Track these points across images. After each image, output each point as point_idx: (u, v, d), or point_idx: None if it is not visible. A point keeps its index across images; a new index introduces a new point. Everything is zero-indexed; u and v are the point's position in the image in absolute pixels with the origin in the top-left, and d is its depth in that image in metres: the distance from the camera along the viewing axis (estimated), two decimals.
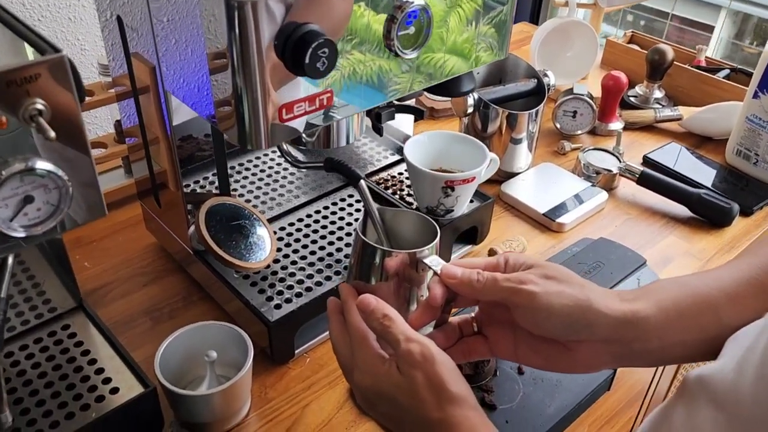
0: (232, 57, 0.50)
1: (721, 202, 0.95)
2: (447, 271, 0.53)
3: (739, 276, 0.52)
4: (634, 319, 0.50)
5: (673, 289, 0.52)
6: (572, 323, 0.50)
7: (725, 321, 0.51)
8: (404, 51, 0.60)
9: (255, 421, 0.66)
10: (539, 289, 0.50)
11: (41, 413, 0.58)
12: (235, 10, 0.48)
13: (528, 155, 1.04)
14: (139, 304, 0.79)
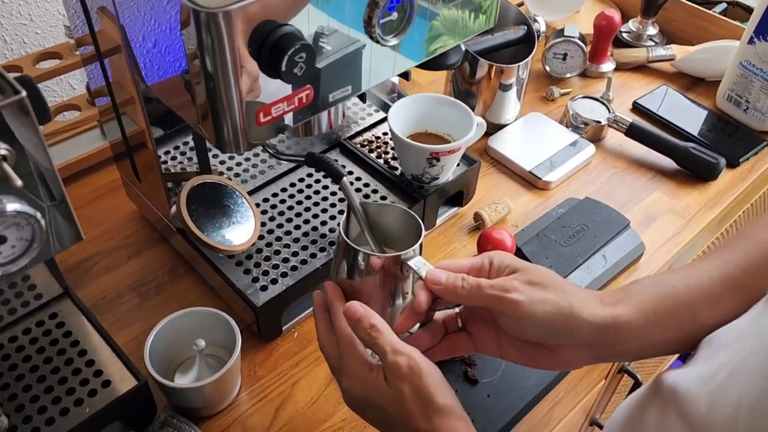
0: (204, 66, 0.48)
1: (708, 157, 0.95)
2: (432, 277, 0.53)
3: (717, 274, 0.53)
4: (615, 324, 0.51)
5: (652, 291, 0.53)
6: (555, 330, 0.51)
7: (702, 320, 0.52)
8: (385, 38, 0.57)
9: (246, 400, 0.69)
10: (523, 297, 0.50)
11: (36, 410, 0.60)
12: (202, 20, 0.45)
13: (516, 104, 1.01)
14: (125, 279, 0.79)
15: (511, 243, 0.72)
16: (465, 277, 0.52)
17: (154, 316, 0.75)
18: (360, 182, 0.83)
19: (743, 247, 0.54)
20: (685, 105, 1.08)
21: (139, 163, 0.74)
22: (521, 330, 0.52)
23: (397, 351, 0.50)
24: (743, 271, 0.53)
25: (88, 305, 0.75)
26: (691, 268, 0.55)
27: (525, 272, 0.52)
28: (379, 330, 0.51)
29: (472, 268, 0.55)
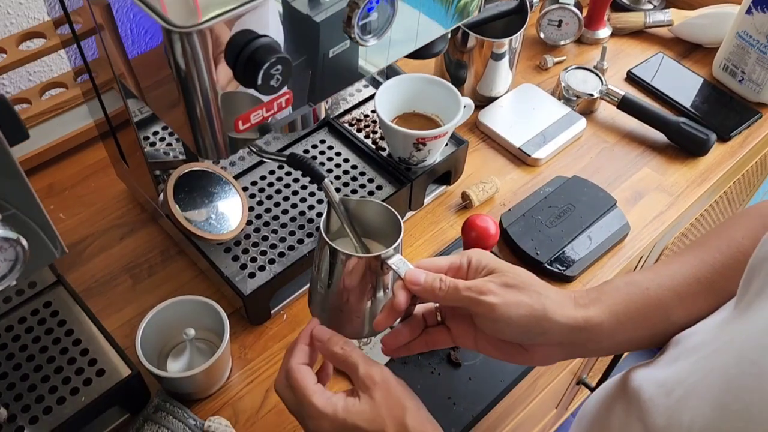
0: (178, 80, 0.47)
1: (698, 133, 0.94)
2: (411, 278, 0.54)
3: (689, 274, 0.54)
4: (587, 326, 0.53)
5: (624, 292, 0.54)
6: (528, 331, 0.53)
7: (673, 319, 0.53)
8: (364, 38, 0.56)
9: (237, 383, 0.71)
10: (498, 300, 0.52)
11: (34, 399, 0.62)
12: (176, 39, 0.44)
13: (508, 75, 1.00)
14: (118, 260, 0.81)
15: (495, 230, 0.73)
16: (443, 278, 0.54)
17: (147, 299, 0.78)
18: (348, 164, 0.83)
19: (716, 246, 0.55)
20: (680, 74, 1.07)
21: (123, 145, 0.74)
22: (496, 330, 0.53)
23: (369, 363, 0.53)
24: (715, 272, 0.54)
25: (82, 288, 0.78)
26: (664, 268, 0.56)
27: (501, 274, 0.54)
28: (352, 345, 0.54)
29: (450, 268, 0.56)
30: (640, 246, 0.85)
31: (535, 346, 0.55)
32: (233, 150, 0.54)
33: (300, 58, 0.53)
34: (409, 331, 0.58)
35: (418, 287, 0.54)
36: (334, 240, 0.61)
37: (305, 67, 0.54)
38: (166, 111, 0.53)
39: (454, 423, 0.69)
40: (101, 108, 0.71)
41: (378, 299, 0.59)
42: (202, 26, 0.44)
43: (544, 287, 0.54)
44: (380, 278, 0.58)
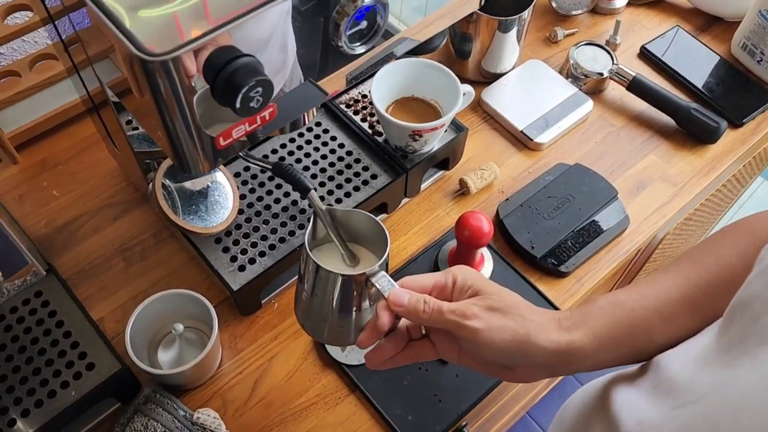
0: (155, 103, 0.46)
1: (708, 120, 0.91)
2: (394, 299, 0.54)
3: (675, 293, 0.53)
4: (570, 350, 0.53)
5: (609, 314, 0.54)
6: (511, 355, 0.53)
7: (656, 339, 0.53)
8: (352, 46, 0.53)
9: (226, 373, 0.72)
10: (482, 325, 0.51)
11: (25, 391, 0.64)
12: (152, 69, 0.42)
13: (515, 49, 0.96)
14: (111, 241, 0.81)
15: (488, 228, 0.71)
16: (426, 300, 0.53)
17: (139, 283, 0.78)
18: (342, 149, 0.81)
19: (703, 265, 0.54)
20: (696, 50, 1.02)
21: (109, 126, 0.72)
22: (480, 353, 0.53)
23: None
24: (701, 291, 0.53)
25: (76, 270, 0.78)
26: (649, 286, 0.55)
27: (486, 296, 0.53)
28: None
29: (435, 287, 0.55)
30: (639, 240, 0.83)
31: (518, 367, 0.55)
32: (218, 163, 0.53)
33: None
34: (393, 347, 0.58)
35: (401, 309, 0.53)
36: (320, 245, 0.60)
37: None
38: (145, 122, 0.52)
39: (439, 420, 0.70)
40: (83, 86, 0.69)
41: (363, 311, 0.59)
42: (177, 53, 0.42)
43: (529, 310, 0.53)
44: (365, 292, 0.57)
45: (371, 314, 0.59)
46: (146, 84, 0.44)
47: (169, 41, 0.43)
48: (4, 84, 0.83)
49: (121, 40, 0.43)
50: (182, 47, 0.43)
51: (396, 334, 0.58)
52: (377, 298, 0.56)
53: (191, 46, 0.43)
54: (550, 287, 0.79)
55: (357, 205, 0.76)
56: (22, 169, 0.86)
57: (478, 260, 0.77)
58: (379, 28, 0.53)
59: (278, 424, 0.69)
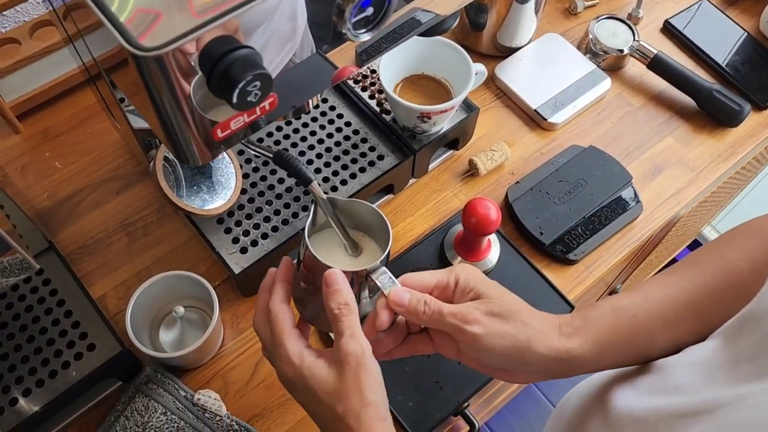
0: (150, 97, 0.44)
1: (731, 103, 0.87)
2: (395, 298, 0.52)
3: (678, 299, 0.52)
4: (569, 357, 0.52)
5: (611, 320, 0.52)
6: (511, 361, 0.52)
7: (658, 345, 0.52)
8: (356, 33, 0.51)
9: (228, 353, 0.72)
10: (482, 330, 0.50)
11: (27, 370, 0.64)
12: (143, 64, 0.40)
13: (533, 21, 0.92)
14: (113, 216, 0.80)
15: (496, 216, 0.69)
16: (427, 301, 0.52)
17: (142, 259, 0.77)
18: (349, 128, 0.79)
19: (709, 269, 0.52)
20: (722, 26, 0.98)
21: (107, 100, 0.70)
22: (479, 357, 0.53)
23: (353, 336, 0.50)
24: (706, 296, 0.51)
25: (78, 245, 0.78)
26: (654, 290, 0.53)
27: (487, 300, 0.52)
28: (350, 310, 0.51)
29: (437, 286, 0.54)
30: (651, 228, 0.81)
31: (517, 371, 0.54)
32: (217, 153, 0.51)
33: None
34: (392, 340, 0.57)
35: (401, 308, 0.52)
36: (321, 230, 0.59)
37: None
38: (143, 111, 0.50)
39: (439, 408, 0.69)
40: (79, 58, 0.67)
41: (362, 302, 0.58)
42: (165, 49, 0.40)
43: (530, 315, 0.52)
44: (365, 285, 0.56)
45: (370, 306, 0.58)
46: (139, 78, 0.42)
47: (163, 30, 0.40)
48: (4, 51, 0.81)
49: (110, 31, 0.41)
50: (178, 40, 0.41)
51: (395, 328, 0.58)
52: (377, 290, 0.55)
53: (188, 38, 0.41)
54: (558, 275, 0.77)
55: (363, 187, 0.74)
56: (24, 139, 0.85)
57: (484, 246, 0.75)
58: (386, 15, 0.50)
59: (279, 407, 0.69)
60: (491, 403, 1.25)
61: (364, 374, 0.49)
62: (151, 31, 0.41)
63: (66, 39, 0.65)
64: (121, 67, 0.46)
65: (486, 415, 1.41)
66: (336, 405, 0.49)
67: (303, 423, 0.68)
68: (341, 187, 0.75)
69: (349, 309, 0.50)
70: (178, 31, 0.41)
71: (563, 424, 0.61)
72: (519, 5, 0.89)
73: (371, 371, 0.50)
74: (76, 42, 0.61)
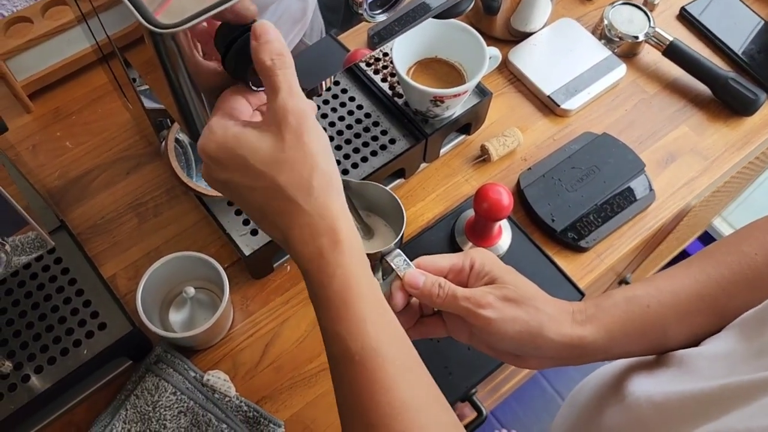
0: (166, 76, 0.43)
1: (747, 92, 0.86)
2: (410, 280, 0.53)
3: (693, 291, 0.52)
4: (581, 344, 0.52)
5: (623, 309, 0.52)
6: (522, 346, 0.52)
7: (670, 335, 0.52)
8: (372, 14, 0.50)
9: (238, 335, 0.72)
10: (495, 315, 0.50)
11: (39, 348, 0.64)
12: (160, 41, 0.40)
13: (548, 5, 0.91)
14: (124, 196, 0.80)
15: (508, 201, 0.69)
16: (442, 284, 0.52)
17: (152, 240, 0.77)
18: (361, 111, 0.79)
19: (725, 262, 0.52)
20: (739, 13, 0.96)
21: (119, 79, 0.70)
22: (490, 341, 0.53)
23: (292, 92, 0.40)
24: (720, 289, 0.51)
25: (88, 225, 0.78)
26: (668, 281, 0.53)
27: (502, 285, 0.52)
28: (285, 63, 0.41)
29: (452, 269, 0.54)
30: (664, 216, 0.81)
31: (528, 356, 0.54)
32: None
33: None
34: (404, 323, 0.57)
35: (416, 290, 0.53)
36: None
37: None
38: (158, 90, 0.50)
39: (448, 393, 0.68)
40: (92, 36, 0.67)
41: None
42: (188, 24, 0.40)
43: (544, 301, 0.52)
44: (379, 267, 0.56)
45: (384, 286, 0.58)
46: (155, 56, 0.41)
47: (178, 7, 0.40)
48: (16, 30, 0.81)
49: (128, 7, 0.40)
50: (196, 17, 0.40)
51: (408, 310, 0.58)
52: (390, 272, 0.55)
53: (206, 15, 0.41)
54: (569, 262, 0.77)
55: (374, 170, 0.74)
56: (35, 118, 0.85)
57: (495, 232, 0.75)
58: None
59: (288, 389, 0.70)
60: (498, 391, 1.25)
61: (309, 136, 0.40)
62: (166, 7, 0.40)
63: (79, 17, 0.64)
64: (136, 45, 0.46)
65: (492, 403, 1.42)
66: (276, 175, 0.40)
67: (311, 405, 0.69)
68: (352, 171, 0.74)
69: (284, 61, 0.41)
70: (195, 9, 0.40)
71: (577, 412, 0.61)
72: None
73: (318, 133, 0.41)
74: (90, 20, 0.61)
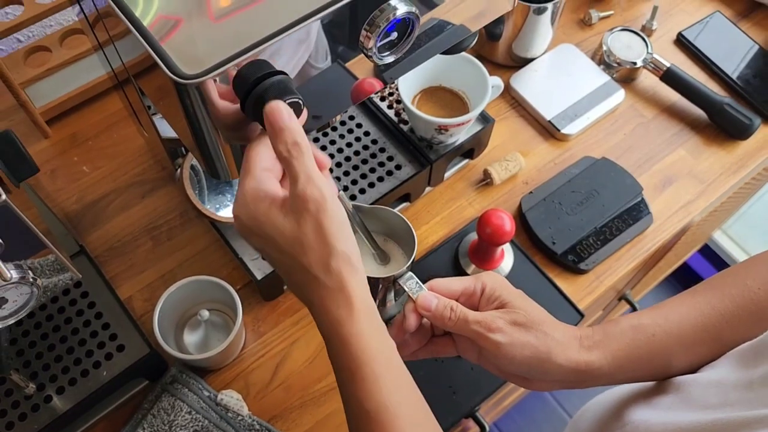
0: (188, 120, 0.46)
1: (742, 117, 0.89)
2: (423, 303, 0.54)
3: (697, 322, 0.54)
4: (588, 370, 0.54)
5: (630, 337, 0.54)
6: (530, 370, 0.54)
7: (674, 364, 0.54)
8: (381, 56, 0.53)
9: (249, 356, 0.75)
10: (505, 339, 0.52)
11: (60, 369, 0.67)
12: (184, 90, 0.43)
13: (548, 32, 0.94)
14: (139, 220, 0.83)
15: (510, 227, 0.72)
16: (453, 307, 0.54)
17: (166, 262, 0.80)
18: (368, 137, 0.81)
19: (729, 294, 0.54)
20: (734, 38, 0.99)
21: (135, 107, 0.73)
22: (499, 364, 0.55)
23: (310, 180, 0.44)
24: (724, 321, 0.53)
25: (105, 248, 0.81)
26: (674, 310, 0.55)
27: (511, 310, 0.54)
28: (302, 151, 0.44)
29: (464, 293, 0.56)
30: (661, 239, 0.83)
31: (535, 380, 0.56)
32: None
33: None
34: (416, 342, 0.59)
35: (428, 312, 0.54)
36: None
37: None
38: (176, 126, 0.52)
39: (452, 412, 0.72)
40: (108, 65, 0.69)
41: (387, 305, 0.60)
42: (211, 75, 0.43)
43: (552, 326, 0.54)
44: (391, 289, 0.59)
45: (397, 308, 0.61)
46: (179, 103, 0.44)
47: (202, 56, 0.43)
48: (35, 58, 0.84)
49: (153, 58, 0.43)
50: (218, 67, 0.43)
51: (420, 331, 0.59)
52: (402, 293, 0.58)
53: (229, 65, 0.43)
54: (569, 284, 0.80)
55: (381, 196, 0.77)
56: (53, 144, 0.88)
57: (498, 255, 0.78)
58: (410, 39, 0.53)
59: (298, 408, 0.72)
60: (501, 404, 1.27)
61: (327, 221, 0.44)
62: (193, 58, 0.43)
63: (96, 46, 0.67)
64: (149, 72, 0.48)
65: (495, 416, 1.44)
66: (299, 256, 0.44)
67: (322, 423, 0.71)
68: (360, 196, 0.77)
69: (300, 149, 0.44)
70: (217, 58, 0.43)
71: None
72: (535, 16, 0.91)
73: (335, 217, 0.45)
74: (105, 48, 0.63)
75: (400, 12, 0.50)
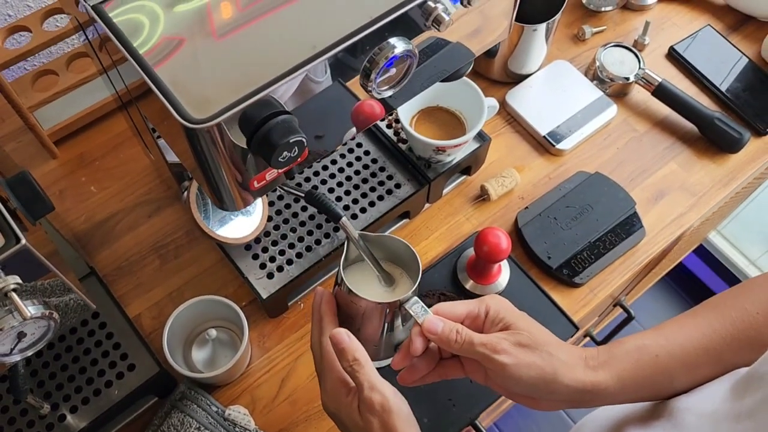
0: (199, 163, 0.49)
1: (732, 131, 0.91)
2: (429, 326, 0.56)
3: (700, 345, 0.55)
4: (594, 390, 0.55)
5: (634, 358, 0.55)
6: (536, 391, 0.55)
7: (676, 385, 0.56)
8: (380, 91, 0.55)
9: (255, 371, 0.77)
10: (510, 360, 0.54)
11: (73, 389, 0.69)
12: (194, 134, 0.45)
13: (543, 48, 0.96)
14: (147, 239, 0.85)
15: (506, 245, 0.74)
16: (459, 330, 0.56)
17: (174, 281, 0.83)
18: (368, 157, 0.84)
19: (730, 318, 0.55)
20: (725, 52, 1.01)
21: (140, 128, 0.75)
22: (505, 386, 0.56)
23: (373, 388, 0.54)
24: (725, 344, 0.54)
25: (114, 267, 0.83)
26: (677, 333, 0.56)
27: (516, 332, 0.55)
28: (361, 364, 0.54)
29: (468, 316, 0.58)
30: (654, 251, 0.86)
31: (542, 399, 0.58)
32: (254, 199, 0.56)
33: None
34: (425, 366, 0.61)
35: (435, 336, 0.56)
36: (353, 263, 0.63)
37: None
38: (183, 158, 0.55)
39: (451, 424, 0.75)
40: (113, 87, 0.71)
41: (395, 329, 0.63)
42: (221, 118, 0.45)
43: (557, 347, 0.55)
44: (398, 314, 0.61)
45: (404, 332, 0.63)
46: (190, 147, 0.46)
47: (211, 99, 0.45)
48: (43, 82, 0.86)
49: (162, 102, 0.45)
50: (226, 111, 0.45)
51: (428, 354, 0.61)
52: (410, 318, 0.60)
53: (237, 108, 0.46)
54: (564, 297, 0.82)
55: (381, 215, 0.79)
56: (61, 164, 0.90)
57: (495, 271, 0.80)
58: (408, 74, 0.55)
59: (303, 421, 0.75)
60: (500, 407, 1.30)
61: (393, 420, 0.53)
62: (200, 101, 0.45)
63: (101, 69, 0.69)
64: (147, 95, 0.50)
65: (495, 416, 1.46)
66: None
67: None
68: (361, 215, 0.79)
69: (360, 363, 0.54)
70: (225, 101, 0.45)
71: None
72: (530, 33, 0.93)
73: (400, 413, 0.54)
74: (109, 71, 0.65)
75: (398, 50, 0.52)
